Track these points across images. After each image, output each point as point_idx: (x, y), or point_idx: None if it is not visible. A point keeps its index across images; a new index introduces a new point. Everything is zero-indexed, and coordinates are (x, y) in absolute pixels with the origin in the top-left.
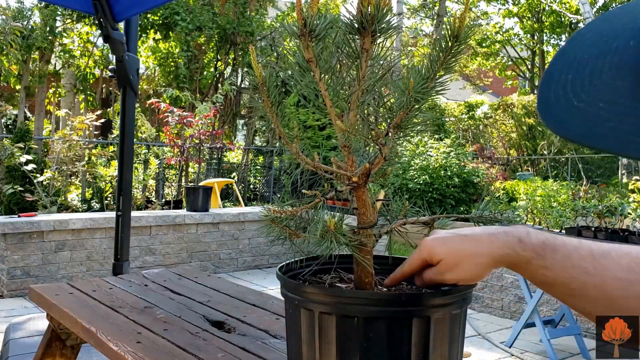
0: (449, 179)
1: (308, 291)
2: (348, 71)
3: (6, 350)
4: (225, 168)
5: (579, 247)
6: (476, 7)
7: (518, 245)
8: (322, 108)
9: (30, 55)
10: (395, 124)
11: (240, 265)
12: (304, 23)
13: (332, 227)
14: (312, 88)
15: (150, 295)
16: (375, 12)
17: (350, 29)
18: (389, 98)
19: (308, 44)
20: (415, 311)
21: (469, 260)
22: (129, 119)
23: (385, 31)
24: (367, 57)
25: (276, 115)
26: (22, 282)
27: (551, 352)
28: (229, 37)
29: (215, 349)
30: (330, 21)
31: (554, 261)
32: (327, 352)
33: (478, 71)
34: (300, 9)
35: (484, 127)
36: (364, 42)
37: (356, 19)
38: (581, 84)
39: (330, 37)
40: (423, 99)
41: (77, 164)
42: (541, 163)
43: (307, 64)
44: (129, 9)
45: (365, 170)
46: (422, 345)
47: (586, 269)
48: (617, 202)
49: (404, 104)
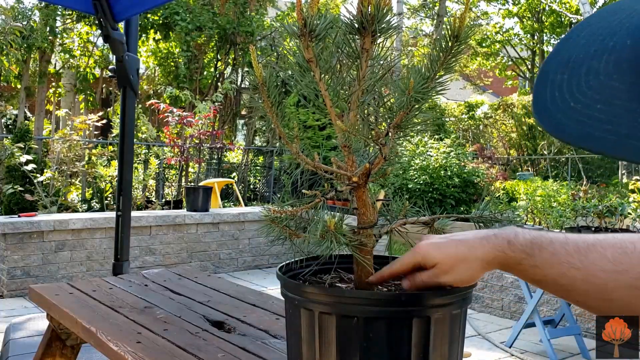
0: (449, 179)
1: (308, 291)
2: (348, 71)
3: (6, 350)
4: (225, 168)
5: (566, 242)
6: (476, 7)
7: (507, 247)
8: (322, 108)
9: (30, 55)
10: (395, 123)
11: (240, 265)
12: (304, 23)
13: (332, 227)
14: (312, 88)
15: (150, 295)
16: (375, 12)
17: (351, 29)
18: (389, 98)
19: (308, 44)
20: (415, 311)
21: (463, 264)
22: (129, 119)
23: (386, 31)
24: (367, 57)
25: (276, 116)
26: (22, 282)
27: (551, 352)
28: (229, 37)
29: (215, 349)
30: (331, 21)
31: (542, 259)
32: (327, 352)
33: (478, 71)
34: (301, 9)
35: (484, 127)
36: (364, 42)
37: (356, 19)
38: (577, 85)
39: (331, 37)
40: (423, 99)
41: (77, 164)
42: (541, 163)
43: (307, 64)
44: (129, 9)
45: (366, 170)
46: (422, 346)
47: (573, 264)
48: (617, 202)
49: (404, 104)
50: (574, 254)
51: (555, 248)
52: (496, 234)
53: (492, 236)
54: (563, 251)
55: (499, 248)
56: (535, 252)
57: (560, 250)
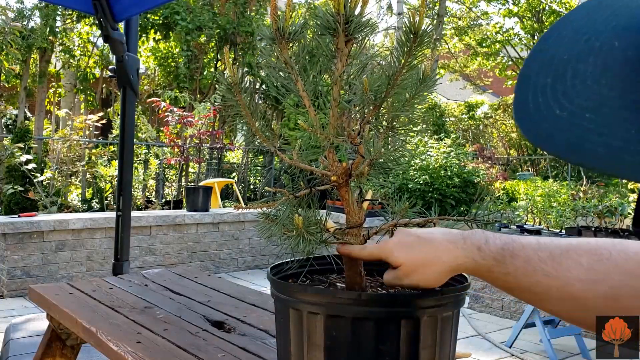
0: (449, 179)
1: (296, 291)
2: (325, 71)
3: (6, 350)
4: (225, 168)
5: (538, 248)
6: (476, 7)
7: (477, 254)
8: (302, 108)
9: (30, 55)
10: (366, 121)
11: (240, 265)
12: (277, 27)
13: (300, 225)
14: (292, 88)
15: (150, 295)
16: (346, 12)
17: (323, 30)
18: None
19: (283, 46)
20: (403, 312)
21: (428, 267)
22: (129, 119)
23: (359, 31)
24: (342, 56)
25: (252, 115)
26: (22, 282)
27: (551, 352)
28: (229, 37)
29: (215, 349)
30: (305, 23)
31: (514, 267)
32: (314, 352)
33: (478, 71)
34: (276, 13)
35: (484, 127)
36: (338, 42)
37: (325, 19)
38: (563, 90)
39: (306, 38)
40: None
41: (77, 164)
42: (541, 163)
43: (284, 65)
44: (129, 9)
45: (344, 170)
46: (411, 347)
47: (547, 272)
48: (617, 202)
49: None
50: (548, 261)
51: (527, 254)
52: (465, 239)
53: (460, 241)
54: (536, 257)
55: (468, 255)
56: (506, 259)
57: (533, 257)
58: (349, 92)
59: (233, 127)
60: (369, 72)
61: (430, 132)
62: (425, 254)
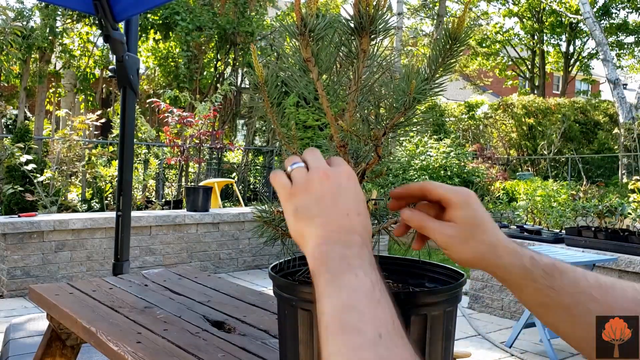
0: (449, 179)
1: (306, 291)
2: (346, 72)
3: (6, 350)
4: (225, 168)
5: (586, 274)
6: (476, 7)
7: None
8: (321, 108)
9: (30, 55)
10: (393, 123)
11: (240, 265)
12: (302, 22)
13: None
14: (311, 88)
15: (150, 295)
16: (373, 12)
17: (348, 30)
18: (386, 98)
19: (307, 43)
20: (412, 309)
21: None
22: (129, 119)
23: (383, 31)
24: (365, 57)
25: (276, 115)
26: (22, 282)
27: (551, 352)
28: (229, 37)
29: (215, 349)
30: (329, 21)
31: (562, 283)
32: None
33: (478, 71)
34: (300, 9)
35: (484, 127)
36: (362, 42)
37: (354, 19)
38: None
39: (329, 37)
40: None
41: (77, 164)
42: (541, 163)
43: (305, 63)
44: (129, 9)
45: (361, 170)
46: (420, 343)
47: (594, 297)
48: (617, 202)
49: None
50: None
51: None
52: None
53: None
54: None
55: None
56: (555, 274)
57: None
58: (369, 94)
59: (233, 127)
60: (386, 75)
61: (430, 132)
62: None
